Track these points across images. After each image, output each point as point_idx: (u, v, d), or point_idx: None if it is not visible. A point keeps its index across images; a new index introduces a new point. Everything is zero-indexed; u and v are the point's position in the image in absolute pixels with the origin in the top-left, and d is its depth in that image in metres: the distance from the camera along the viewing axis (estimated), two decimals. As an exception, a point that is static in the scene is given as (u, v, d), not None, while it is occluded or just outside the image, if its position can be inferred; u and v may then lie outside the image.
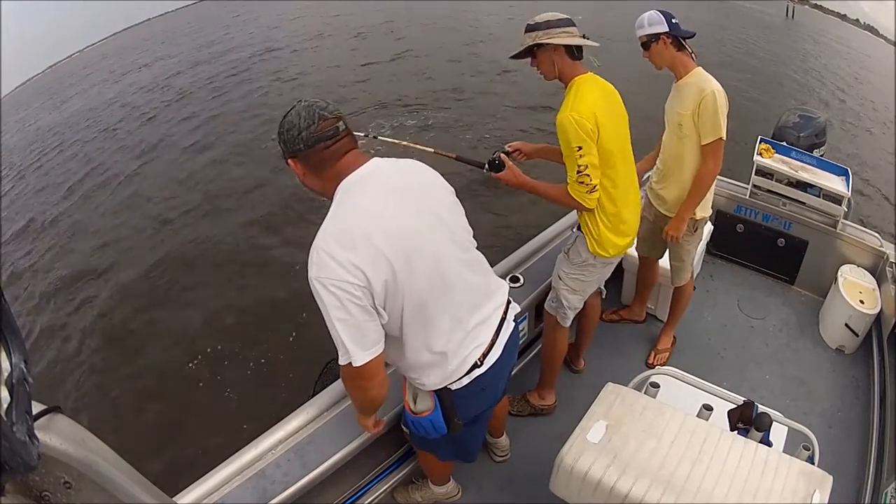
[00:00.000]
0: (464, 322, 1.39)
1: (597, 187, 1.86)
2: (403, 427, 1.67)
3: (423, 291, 1.26)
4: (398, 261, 1.20)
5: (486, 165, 1.95)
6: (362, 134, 2.07)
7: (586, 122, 1.77)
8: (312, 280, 1.17)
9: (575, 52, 1.86)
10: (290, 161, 1.29)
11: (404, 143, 2.14)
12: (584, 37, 1.86)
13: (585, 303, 2.20)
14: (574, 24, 1.86)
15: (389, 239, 1.20)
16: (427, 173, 1.40)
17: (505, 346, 1.50)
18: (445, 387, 1.43)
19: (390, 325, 1.28)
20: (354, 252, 1.16)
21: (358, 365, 1.22)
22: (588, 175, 1.82)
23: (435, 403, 1.47)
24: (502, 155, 1.95)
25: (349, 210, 1.23)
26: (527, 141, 2.20)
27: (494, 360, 1.46)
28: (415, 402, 1.52)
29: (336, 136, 1.25)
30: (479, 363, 1.43)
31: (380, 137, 2.13)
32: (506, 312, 1.53)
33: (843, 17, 21.57)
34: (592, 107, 1.79)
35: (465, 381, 1.42)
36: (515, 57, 1.89)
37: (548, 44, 1.81)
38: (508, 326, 1.53)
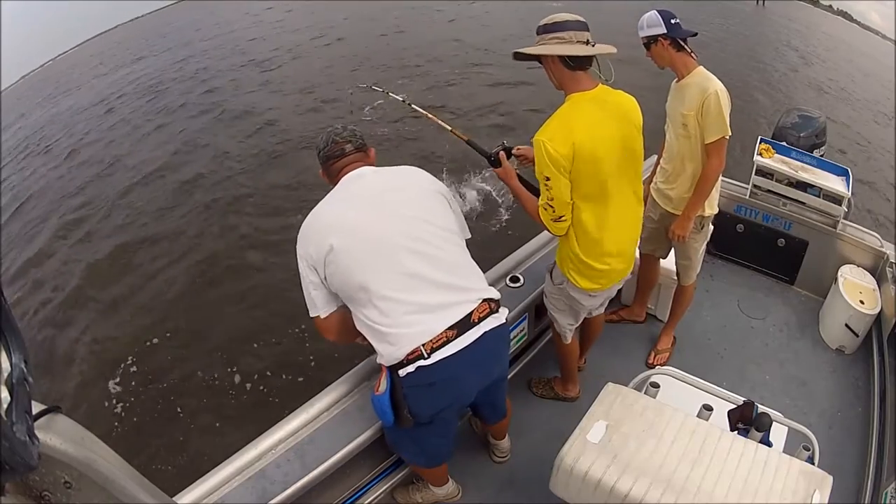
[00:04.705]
0: (401, 304, 1.45)
1: (564, 217, 1.74)
2: None
3: (364, 270, 1.45)
4: (340, 247, 1.46)
5: (488, 157, 1.98)
6: (400, 98, 2.20)
7: (559, 156, 1.60)
8: (297, 251, 1.53)
9: (569, 61, 1.61)
10: (320, 171, 1.69)
11: (428, 115, 2.13)
12: (587, 43, 1.59)
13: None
14: (579, 28, 1.60)
15: (335, 229, 1.48)
16: (409, 177, 1.64)
17: (468, 349, 1.47)
18: (396, 371, 1.48)
19: (343, 292, 1.51)
20: (312, 238, 1.50)
21: (312, 316, 1.57)
22: (552, 207, 1.71)
23: (387, 387, 1.52)
24: (501, 153, 1.94)
25: (322, 205, 1.57)
26: None
27: (446, 356, 1.44)
28: (380, 383, 1.56)
29: (342, 155, 1.62)
30: (424, 355, 1.43)
31: (412, 105, 2.18)
32: (480, 316, 1.51)
33: (816, 2, 21.03)
34: (575, 135, 1.59)
35: (410, 368, 1.44)
36: (517, 58, 1.74)
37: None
38: (478, 330, 1.50)
